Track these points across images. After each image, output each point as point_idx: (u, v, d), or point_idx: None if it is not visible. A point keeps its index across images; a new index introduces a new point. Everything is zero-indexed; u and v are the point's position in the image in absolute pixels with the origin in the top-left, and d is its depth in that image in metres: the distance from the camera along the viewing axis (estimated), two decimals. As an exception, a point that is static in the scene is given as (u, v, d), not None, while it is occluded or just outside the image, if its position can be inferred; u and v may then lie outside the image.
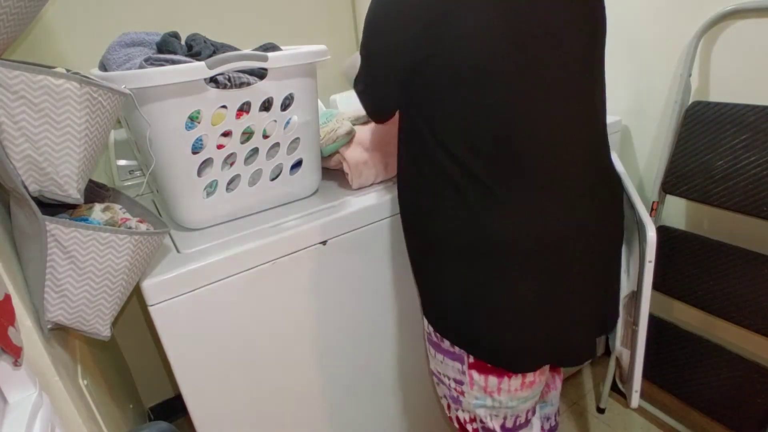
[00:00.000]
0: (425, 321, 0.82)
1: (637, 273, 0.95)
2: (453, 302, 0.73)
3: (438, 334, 0.79)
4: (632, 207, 0.99)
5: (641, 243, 0.92)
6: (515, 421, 0.81)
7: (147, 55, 0.86)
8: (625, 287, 1.00)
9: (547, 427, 0.99)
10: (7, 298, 0.55)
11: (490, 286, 0.69)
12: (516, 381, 0.75)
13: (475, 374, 0.75)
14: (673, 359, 1.25)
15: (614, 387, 1.44)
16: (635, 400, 1.03)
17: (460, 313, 0.73)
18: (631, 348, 1.01)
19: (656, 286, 1.24)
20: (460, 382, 0.78)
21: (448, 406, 0.86)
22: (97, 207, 0.75)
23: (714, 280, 1.12)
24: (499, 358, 0.73)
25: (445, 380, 0.82)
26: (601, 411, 1.46)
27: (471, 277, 0.70)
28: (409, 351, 1.14)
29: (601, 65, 0.74)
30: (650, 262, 0.89)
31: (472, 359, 0.75)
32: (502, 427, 0.80)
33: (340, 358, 1.02)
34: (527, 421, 0.83)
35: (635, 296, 0.96)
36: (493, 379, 0.75)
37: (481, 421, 0.80)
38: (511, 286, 0.68)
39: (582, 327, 0.76)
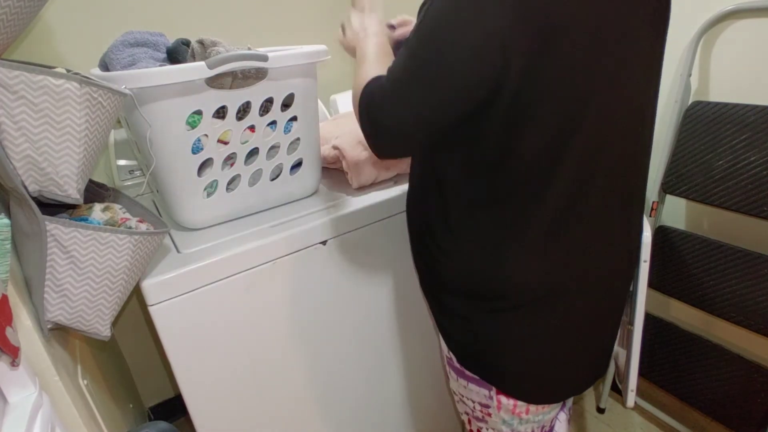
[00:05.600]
0: (445, 347, 0.80)
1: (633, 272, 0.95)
2: (476, 339, 0.72)
3: (460, 363, 0.78)
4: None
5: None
6: (541, 431, 0.80)
7: (152, 56, 0.86)
8: None
9: (567, 416, 0.99)
10: (5, 298, 0.54)
11: (508, 323, 0.68)
12: None
13: (503, 399, 0.74)
14: (673, 359, 1.25)
15: (614, 387, 1.45)
16: (631, 399, 1.03)
17: (484, 350, 0.72)
18: (626, 347, 1.01)
19: (656, 286, 1.24)
20: (486, 406, 0.77)
21: (469, 421, 0.85)
22: (97, 207, 0.75)
23: (714, 280, 1.12)
24: (527, 394, 0.73)
25: (469, 402, 0.81)
26: (601, 411, 1.46)
27: (492, 317, 0.69)
28: (410, 349, 1.14)
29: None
30: (645, 261, 0.89)
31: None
32: None
33: (339, 358, 1.02)
34: (552, 428, 0.83)
35: (631, 296, 0.96)
36: (522, 403, 0.74)
37: None
38: (530, 324, 0.68)
39: (591, 363, 0.77)
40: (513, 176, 0.60)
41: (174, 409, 1.53)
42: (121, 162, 1.20)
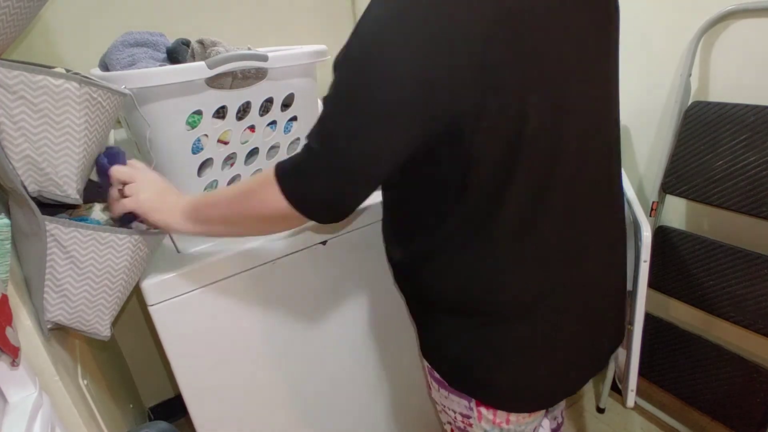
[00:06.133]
0: (424, 361, 0.80)
1: (633, 273, 0.95)
2: (454, 350, 0.71)
3: (438, 374, 0.77)
4: (629, 206, 0.99)
5: (637, 243, 0.93)
6: None
7: (152, 56, 0.86)
8: None
9: (554, 426, 0.99)
10: (4, 298, 0.54)
11: (492, 336, 0.67)
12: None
13: (483, 410, 0.73)
14: (673, 359, 1.25)
15: (614, 387, 1.44)
16: (631, 399, 1.03)
17: (462, 360, 0.71)
18: (626, 347, 1.01)
19: (656, 286, 1.24)
20: (467, 416, 0.77)
21: (452, 431, 0.85)
22: (97, 207, 0.75)
23: (714, 280, 1.12)
24: (505, 404, 0.72)
25: (450, 413, 0.80)
26: (600, 411, 1.46)
27: (470, 329, 0.68)
28: (410, 349, 1.14)
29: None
30: (645, 261, 0.89)
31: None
32: None
33: (339, 357, 1.02)
34: None
35: (631, 296, 0.97)
36: (501, 412, 0.73)
37: None
38: (514, 335, 0.67)
39: (582, 366, 0.76)
40: (474, 197, 0.59)
41: (174, 409, 1.53)
42: (121, 162, 1.20)
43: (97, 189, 0.82)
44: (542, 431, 0.85)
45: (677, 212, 1.25)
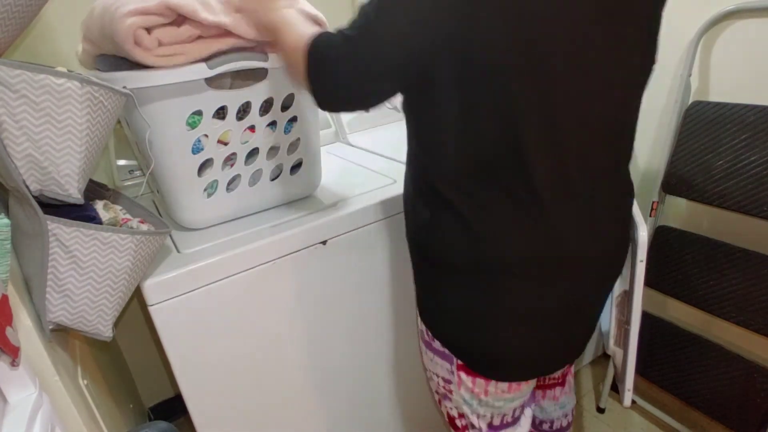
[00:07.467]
0: (419, 319, 0.82)
1: (630, 272, 0.95)
2: (448, 309, 0.73)
3: (429, 333, 0.79)
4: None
5: (633, 242, 0.93)
6: (502, 420, 0.81)
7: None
8: (617, 286, 1.01)
9: (564, 423, 0.99)
10: (5, 298, 0.54)
11: (484, 300, 0.69)
12: (503, 384, 0.75)
13: (463, 375, 0.75)
14: (673, 359, 1.26)
15: (614, 387, 1.45)
16: (628, 398, 1.03)
17: (453, 321, 0.73)
18: (623, 347, 1.01)
19: (656, 286, 1.24)
20: (448, 381, 0.79)
21: (439, 401, 0.87)
22: (98, 204, 0.75)
23: (714, 280, 1.12)
24: (486, 368, 0.74)
25: (435, 378, 0.83)
26: (601, 411, 1.46)
27: (466, 290, 0.70)
28: (409, 350, 1.14)
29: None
30: (641, 261, 0.89)
31: (460, 361, 0.76)
32: (489, 425, 0.81)
33: (339, 358, 1.02)
34: (515, 420, 0.83)
35: (628, 295, 0.97)
36: (480, 381, 0.75)
37: (468, 418, 0.81)
38: (505, 301, 0.68)
39: (569, 340, 0.78)
40: (480, 154, 0.61)
41: (174, 409, 1.53)
42: (121, 162, 1.20)
43: (98, 189, 0.82)
44: (524, 419, 0.86)
45: (677, 212, 1.25)
